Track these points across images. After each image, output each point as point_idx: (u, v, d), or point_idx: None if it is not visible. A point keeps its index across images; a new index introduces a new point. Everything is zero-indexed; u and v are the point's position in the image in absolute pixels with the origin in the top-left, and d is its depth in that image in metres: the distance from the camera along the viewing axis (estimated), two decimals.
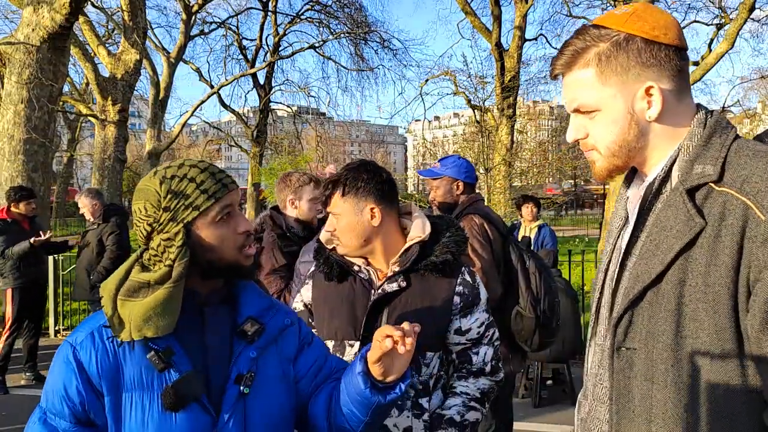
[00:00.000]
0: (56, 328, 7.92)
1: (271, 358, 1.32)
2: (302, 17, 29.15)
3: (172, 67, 26.34)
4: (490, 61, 19.32)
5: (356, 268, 1.81)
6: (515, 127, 17.44)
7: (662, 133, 1.13)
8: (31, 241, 5.41)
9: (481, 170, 15.27)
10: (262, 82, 29.81)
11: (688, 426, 1.04)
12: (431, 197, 3.18)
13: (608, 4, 17.87)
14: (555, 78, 1.20)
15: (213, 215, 1.23)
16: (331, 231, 1.78)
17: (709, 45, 16.33)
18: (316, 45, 28.13)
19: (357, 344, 1.75)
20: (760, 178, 1.01)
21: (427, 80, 20.80)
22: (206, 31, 29.40)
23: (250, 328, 1.28)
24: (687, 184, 1.07)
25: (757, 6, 16.62)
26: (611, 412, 1.14)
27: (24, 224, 5.79)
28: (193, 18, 25.85)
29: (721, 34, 16.34)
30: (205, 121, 34.59)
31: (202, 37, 29.47)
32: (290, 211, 2.97)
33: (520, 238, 6.75)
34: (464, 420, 1.73)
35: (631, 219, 1.19)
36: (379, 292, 1.74)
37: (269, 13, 28.80)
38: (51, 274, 7.85)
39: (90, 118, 20.19)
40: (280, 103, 33.36)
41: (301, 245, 2.77)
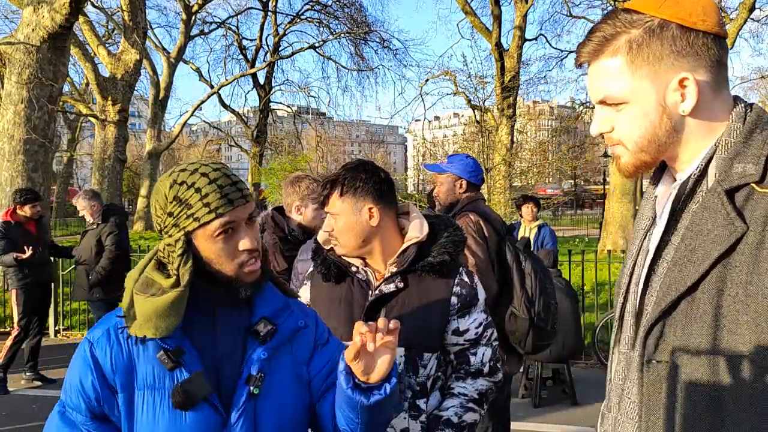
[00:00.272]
0: (56, 328, 7.90)
1: (284, 359, 1.31)
2: (302, 17, 29.17)
3: (172, 67, 26.37)
4: (490, 61, 19.34)
5: (354, 269, 1.80)
6: (515, 127, 17.46)
7: (696, 128, 1.04)
8: (14, 256, 5.45)
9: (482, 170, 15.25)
10: (262, 82, 29.82)
11: None
12: (435, 192, 3.17)
13: (608, 4, 17.88)
14: (580, 66, 1.11)
15: (212, 229, 1.21)
16: (329, 231, 1.77)
17: None
18: (316, 45, 28.16)
19: None
20: None
21: (427, 80, 20.83)
22: (206, 31, 29.45)
23: (263, 329, 1.27)
24: (726, 185, 0.98)
25: (757, 6, 16.66)
26: (641, 429, 1.06)
27: (29, 226, 5.80)
28: (193, 18, 25.87)
29: None
30: (205, 121, 34.68)
31: (202, 37, 29.53)
32: (294, 216, 2.96)
33: (519, 238, 6.74)
34: (462, 421, 1.71)
35: (661, 220, 1.10)
36: (376, 293, 1.74)
37: (269, 13, 28.81)
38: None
39: (90, 118, 20.25)
40: (280, 103, 33.44)
41: None
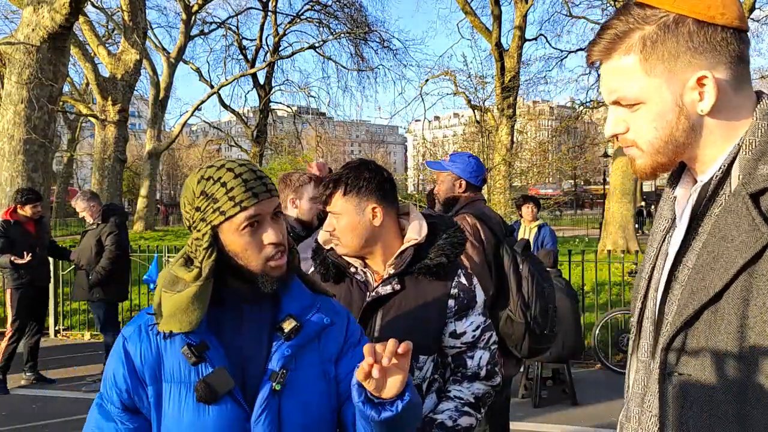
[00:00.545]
0: (56, 328, 7.90)
1: (310, 357, 1.31)
2: (302, 17, 29.18)
3: (172, 67, 26.37)
4: (490, 61, 19.33)
5: (353, 270, 1.79)
6: (515, 127, 17.45)
7: (717, 128, 0.98)
8: (12, 259, 5.46)
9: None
10: (262, 82, 29.84)
11: None
12: (435, 190, 3.13)
13: (608, 4, 17.88)
14: (591, 65, 1.06)
15: (238, 223, 1.23)
16: (331, 231, 1.76)
17: None
18: (316, 45, 28.16)
19: None
20: None
21: (427, 80, 20.83)
22: (206, 31, 29.47)
23: (288, 326, 1.28)
24: (751, 188, 0.92)
25: (757, 6, 16.66)
26: None
27: (28, 226, 5.80)
28: (193, 18, 25.88)
29: None
30: (205, 121, 34.70)
31: (202, 37, 29.55)
32: (290, 211, 2.98)
33: (519, 239, 6.73)
34: (456, 425, 1.68)
35: (681, 223, 1.05)
36: (372, 294, 1.73)
37: (269, 13, 28.82)
38: (51, 274, 7.85)
39: (90, 118, 20.25)
40: (280, 103, 33.52)
41: None
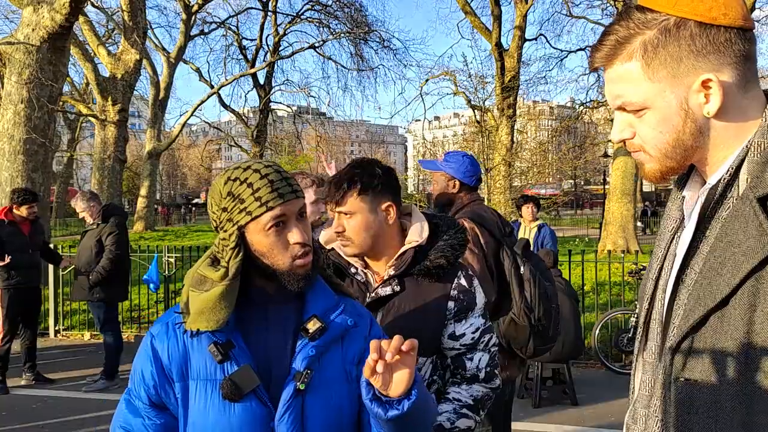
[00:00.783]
0: (56, 328, 7.91)
1: (333, 358, 1.32)
2: (302, 17, 29.18)
3: (172, 67, 26.38)
4: (490, 61, 19.37)
5: (353, 270, 1.79)
6: (515, 127, 17.47)
7: (725, 130, 0.97)
8: None
9: (481, 170, 15.27)
10: (262, 82, 29.84)
11: None
12: (431, 189, 3.13)
13: (608, 4, 17.89)
14: (594, 71, 1.05)
15: (264, 223, 1.26)
16: (341, 231, 1.73)
17: None
18: (316, 45, 28.14)
19: None
20: None
21: (427, 80, 20.87)
22: (206, 31, 29.47)
23: (312, 327, 1.30)
24: (759, 192, 0.90)
25: (757, 6, 16.68)
26: None
27: (23, 226, 5.79)
28: (193, 18, 25.89)
29: None
30: (205, 121, 34.67)
31: (202, 37, 29.55)
32: None
33: (519, 239, 6.73)
34: (454, 427, 1.67)
35: (689, 224, 1.04)
36: (372, 295, 1.73)
37: (269, 13, 28.82)
38: (51, 274, 7.87)
39: (90, 118, 20.26)
40: (280, 103, 33.51)
41: None
